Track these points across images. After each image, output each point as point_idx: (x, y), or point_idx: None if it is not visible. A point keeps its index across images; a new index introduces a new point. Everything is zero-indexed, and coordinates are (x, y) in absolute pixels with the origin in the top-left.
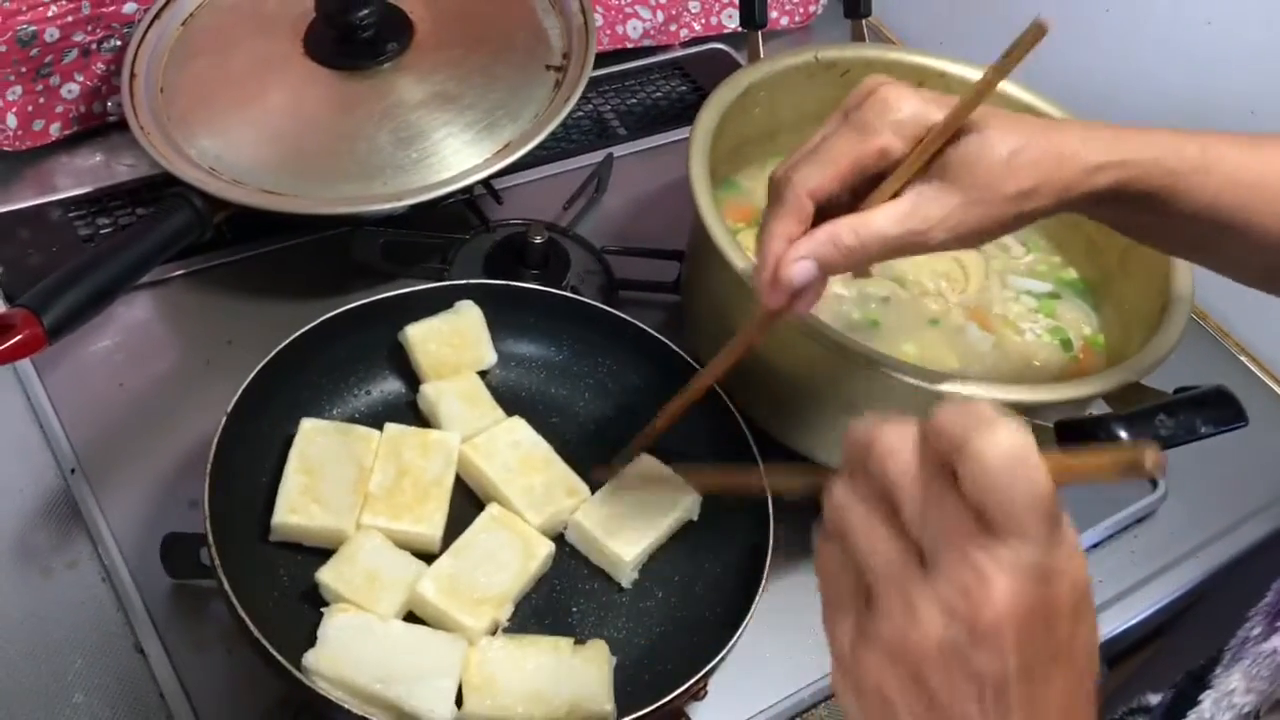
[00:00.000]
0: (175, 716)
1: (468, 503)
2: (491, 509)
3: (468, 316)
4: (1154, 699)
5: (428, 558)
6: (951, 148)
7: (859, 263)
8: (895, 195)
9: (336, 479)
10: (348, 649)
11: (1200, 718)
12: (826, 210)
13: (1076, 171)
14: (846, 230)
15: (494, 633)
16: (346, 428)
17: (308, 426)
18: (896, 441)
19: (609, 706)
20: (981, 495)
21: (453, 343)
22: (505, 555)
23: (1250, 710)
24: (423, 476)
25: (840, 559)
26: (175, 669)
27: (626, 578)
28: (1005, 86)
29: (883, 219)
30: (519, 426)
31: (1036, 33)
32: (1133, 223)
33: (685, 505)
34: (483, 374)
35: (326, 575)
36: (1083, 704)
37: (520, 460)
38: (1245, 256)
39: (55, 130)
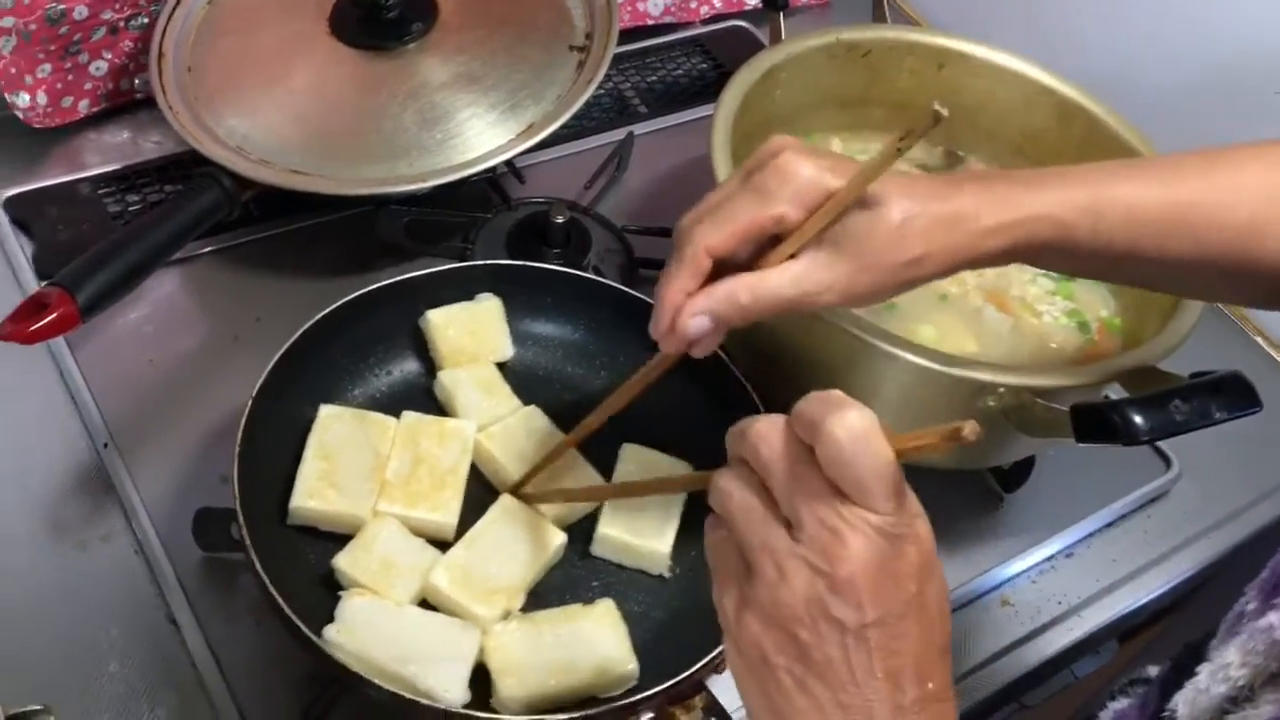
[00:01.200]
0: (207, 686)
1: (484, 490)
2: (504, 500)
3: (488, 307)
4: (1153, 671)
5: (443, 545)
6: (846, 217)
7: (751, 319)
8: (792, 257)
9: (354, 465)
10: (365, 628)
11: (1197, 689)
12: (724, 266)
13: (967, 236)
14: (744, 289)
15: (505, 619)
16: (364, 414)
17: (325, 413)
18: (766, 429)
19: (632, 665)
20: (835, 469)
21: (472, 331)
22: (517, 546)
23: (1245, 683)
24: (439, 465)
25: (725, 540)
26: (207, 640)
27: (665, 568)
28: (1009, 60)
29: (778, 280)
30: (535, 416)
31: (934, 119)
32: (1034, 263)
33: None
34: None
35: (343, 562)
36: (936, 656)
37: (536, 450)
38: (1153, 278)
39: (84, 107)
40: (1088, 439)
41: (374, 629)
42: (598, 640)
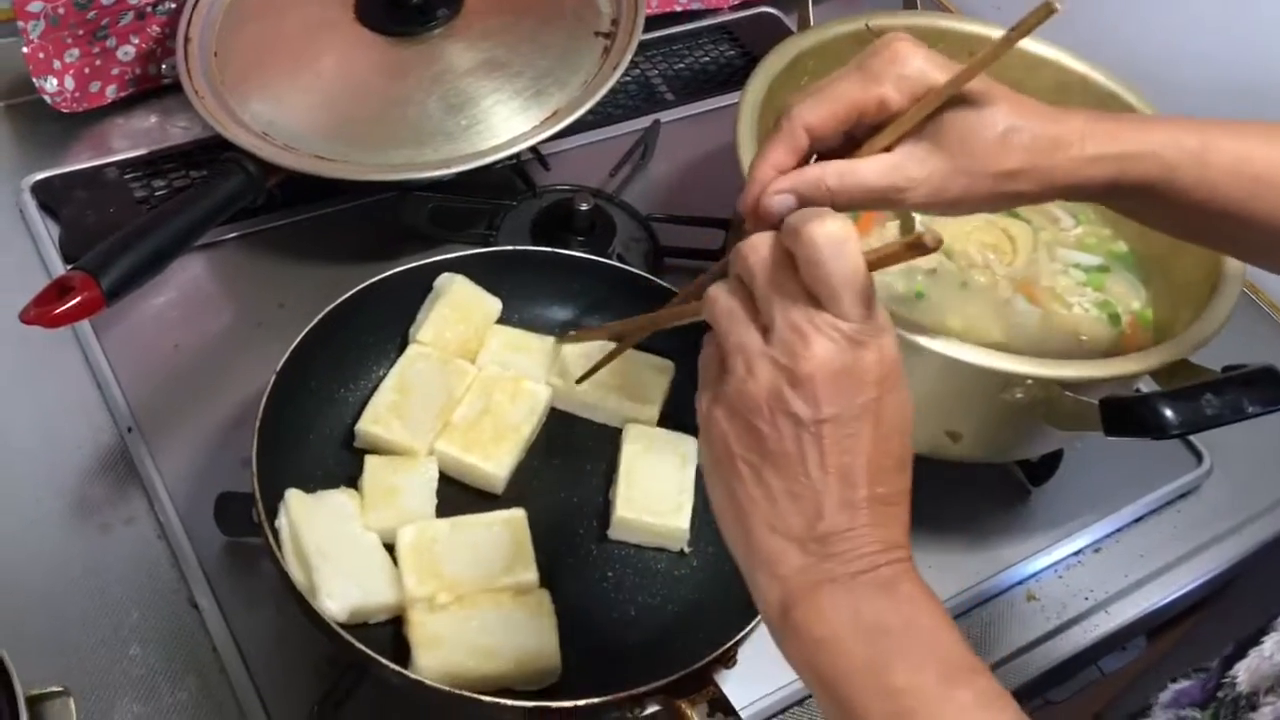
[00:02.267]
0: (228, 669)
1: (544, 453)
2: (514, 513)
3: (453, 290)
4: (1213, 664)
5: (490, 499)
6: (950, 114)
7: (840, 207)
8: (889, 149)
9: (425, 402)
10: (322, 515)
11: (1260, 655)
12: (825, 154)
13: (1069, 160)
14: (832, 173)
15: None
16: (448, 358)
17: (413, 351)
18: (756, 239)
19: (556, 661)
20: (810, 271)
21: (458, 320)
22: (487, 550)
23: None
24: (504, 419)
25: (712, 348)
26: (228, 623)
27: (685, 543)
28: (1042, 49)
29: (868, 169)
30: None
31: (1045, 11)
32: (1131, 210)
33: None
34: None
35: (371, 462)
36: (891, 465)
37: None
38: (1251, 243)
39: (111, 92)
40: (1117, 432)
41: (328, 521)
42: (525, 631)
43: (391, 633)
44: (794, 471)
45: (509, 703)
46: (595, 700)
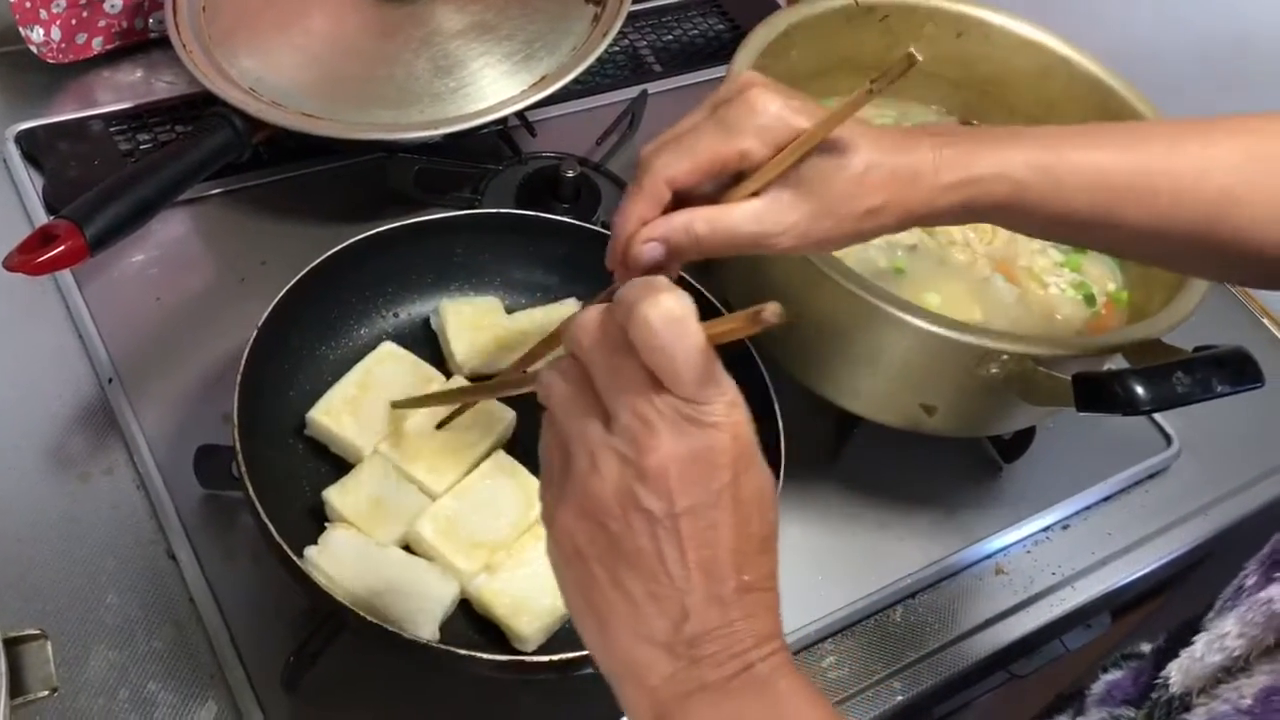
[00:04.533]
0: (204, 621)
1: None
2: (498, 456)
3: (451, 314)
4: (1146, 647)
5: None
6: (810, 160)
7: (707, 253)
8: (754, 195)
9: (382, 402)
10: (346, 558)
11: (1192, 657)
12: (687, 199)
13: (925, 191)
14: (701, 220)
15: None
16: (420, 363)
17: (385, 349)
18: (587, 317)
19: None
20: (648, 354)
21: (475, 332)
22: (505, 503)
23: (1240, 654)
24: (460, 437)
25: (552, 435)
26: (205, 575)
27: None
28: (1028, 30)
29: (737, 216)
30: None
31: (908, 61)
32: (993, 223)
33: None
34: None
35: (333, 494)
36: (754, 548)
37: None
38: (1120, 245)
39: (98, 44)
40: (1089, 408)
41: (354, 561)
42: None
43: (462, 614)
44: (653, 571)
45: (484, 655)
46: (570, 655)
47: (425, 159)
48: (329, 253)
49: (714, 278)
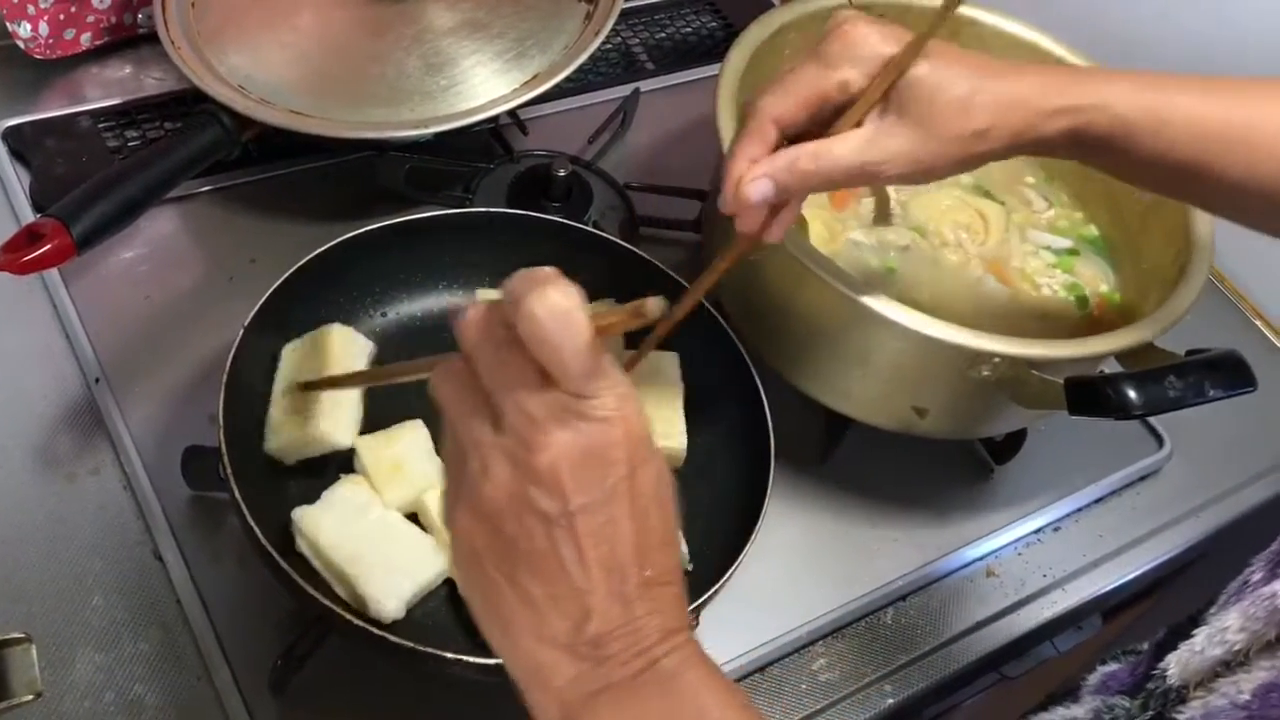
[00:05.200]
0: (191, 623)
1: None
2: None
3: None
4: (1145, 645)
5: None
6: (912, 84)
7: (815, 187)
8: (858, 125)
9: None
10: (338, 519)
11: (1191, 650)
12: (796, 140)
13: (1031, 115)
14: (806, 155)
15: None
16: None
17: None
18: (474, 313)
19: None
20: (535, 348)
21: None
22: None
23: (1241, 648)
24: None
25: (448, 437)
26: (192, 577)
27: (681, 461)
28: (1020, 30)
29: (841, 148)
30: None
31: None
32: (1094, 164)
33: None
34: None
35: (363, 443)
36: (655, 543)
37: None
38: (1211, 196)
39: (86, 40)
40: (1081, 411)
41: (346, 522)
42: None
43: (447, 600)
44: (552, 573)
45: (470, 659)
46: None
47: (416, 157)
48: (315, 252)
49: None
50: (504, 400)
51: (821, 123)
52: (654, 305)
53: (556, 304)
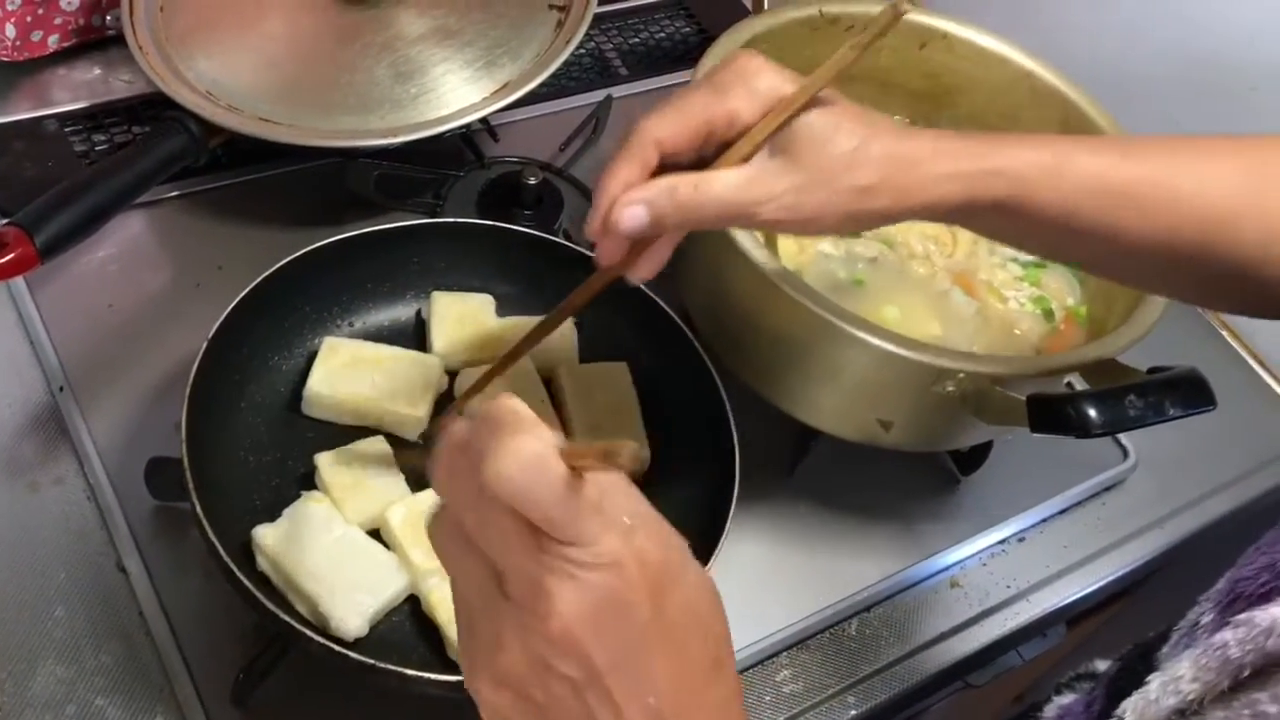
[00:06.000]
0: (154, 635)
1: None
2: None
3: (440, 305)
4: (1100, 665)
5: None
6: (803, 128)
7: (692, 222)
8: (743, 163)
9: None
10: (299, 537)
11: (1146, 699)
12: (677, 168)
13: (921, 178)
14: (686, 184)
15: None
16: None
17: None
18: (442, 474)
19: None
20: (516, 508)
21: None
22: None
23: (1195, 697)
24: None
25: (454, 596)
26: (155, 589)
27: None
28: (991, 43)
29: (723, 181)
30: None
31: (893, 13)
32: (986, 228)
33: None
34: None
35: (323, 460)
36: (702, 672)
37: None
38: (1113, 261)
39: (54, 42)
40: (1042, 429)
41: (307, 539)
42: None
43: (410, 616)
44: None
45: (431, 675)
46: None
47: (386, 164)
48: (282, 262)
49: (675, 292)
50: (499, 561)
51: (705, 159)
52: (628, 457)
53: (523, 456)
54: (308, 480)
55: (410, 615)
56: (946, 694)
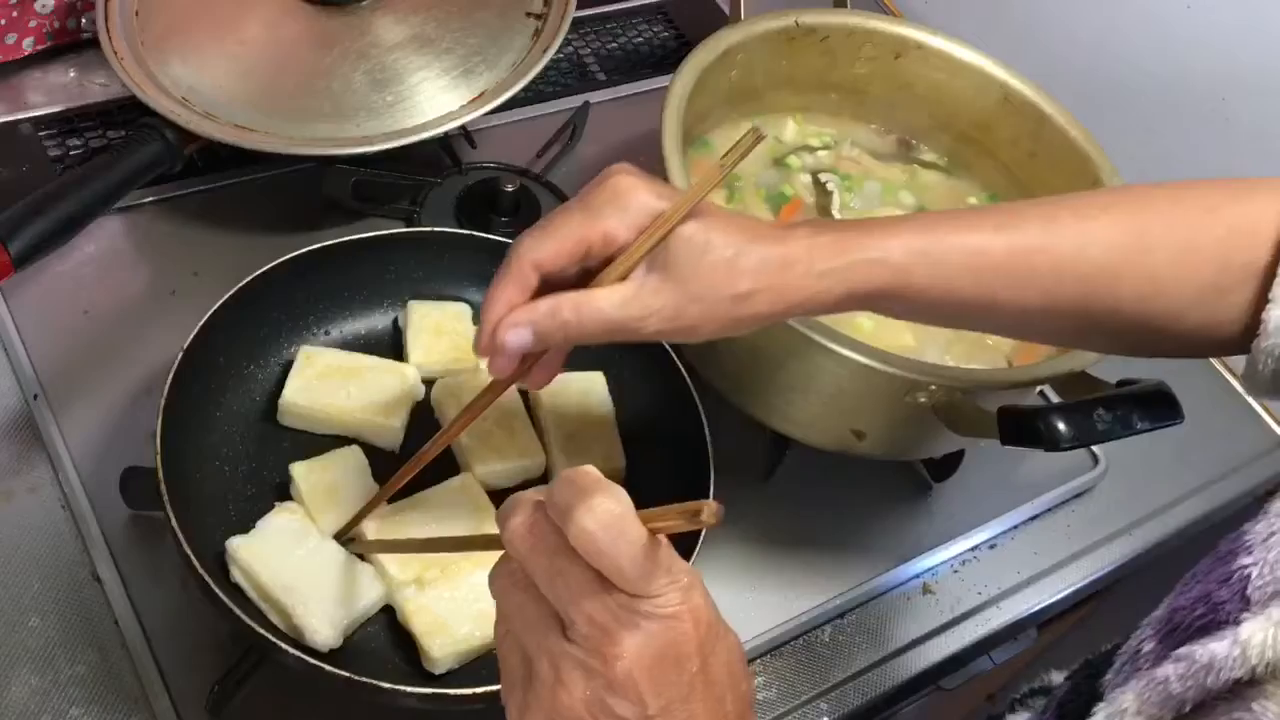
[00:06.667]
0: (129, 644)
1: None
2: (465, 479)
3: (418, 314)
4: (1056, 678)
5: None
6: (679, 242)
7: (575, 339)
8: (623, 279)
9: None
10: (273, 548)
11: None
12: (559, 286)
13: (798, 278)
14: (568, 304)
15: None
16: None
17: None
18: (517, 526)
19: None
20: (591, 559)
21: (439, 336)
22: (456, 524)
23: None
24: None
25: (509, 636)
26: (130, 598)
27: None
28: (966, 54)
29: (605, 300)
30: (597, 383)
31: (754, 138)
32: (879, 312)
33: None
34: None
35: (299, 470)
36: None
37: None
38: (1005, 326)
39: (28, 45)
40: (1012, 441)
41: (281, 551)
42: None
43: (387, 626)
44: None
45: (408, 689)
46: (493, 688)
47: (362, 170)
48: (258, 272)
49: None
50: (568, 608)
51: (590, 271)
52: (710, 512)
53: (607, 514)
54: (283, 490)
55: (386, 626)
56: (917, 698)
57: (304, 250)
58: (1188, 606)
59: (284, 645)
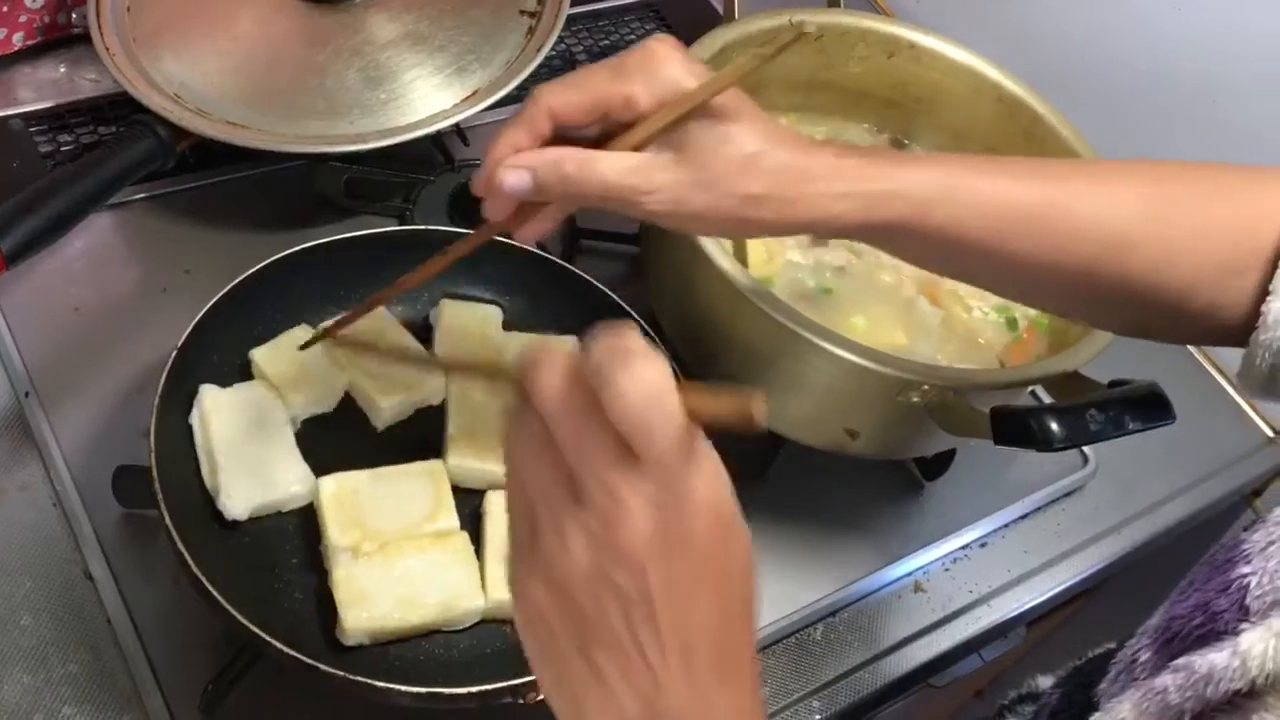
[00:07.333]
0: (122, 643)
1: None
2: (432, 465)
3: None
4: (1044, 683)
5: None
6: (700, 126)
7: (574, 197)
8: (637, 149)
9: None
10: (237, 410)
11: None
12: (571, 142)
13: (815, 194)
14: (572, 159)
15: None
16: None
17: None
18: (549, 376)
19: (479, 601)
20: (622, 426)
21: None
22: (413, 505)
23: None
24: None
25: (519, 502)
26: (123, 597)
27: None
28: (959, 53)
29: (608, 164)
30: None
31: (795, 31)
32: (888, 247)
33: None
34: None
35: (259, 355)
36: (732, 622)
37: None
38: (1009, 281)
39: (18, 40)
40: (1005, 441)
41: (241, 414)
42: (447, 575)
43: (315, 592)
44: (626, 652)
45: (401, 687)
46: (486, 687)
47: (355, 167)
48: (251, 270)
49: (645, 300)
50: (584, 470)
51: (605, 136)
52: (759, 411)
53: (649, 385)
54: None
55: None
56: (907, 695)
57: (296, 248)
58: (1185, 615)
59: (278, 644)
